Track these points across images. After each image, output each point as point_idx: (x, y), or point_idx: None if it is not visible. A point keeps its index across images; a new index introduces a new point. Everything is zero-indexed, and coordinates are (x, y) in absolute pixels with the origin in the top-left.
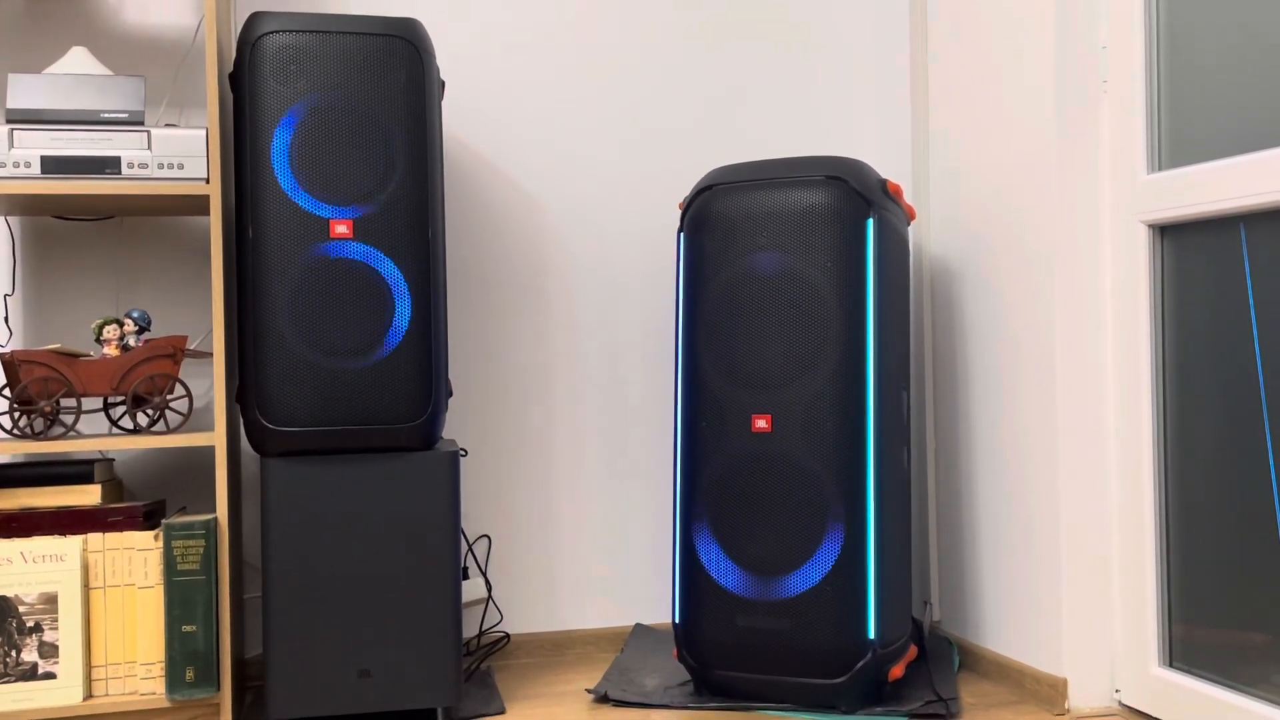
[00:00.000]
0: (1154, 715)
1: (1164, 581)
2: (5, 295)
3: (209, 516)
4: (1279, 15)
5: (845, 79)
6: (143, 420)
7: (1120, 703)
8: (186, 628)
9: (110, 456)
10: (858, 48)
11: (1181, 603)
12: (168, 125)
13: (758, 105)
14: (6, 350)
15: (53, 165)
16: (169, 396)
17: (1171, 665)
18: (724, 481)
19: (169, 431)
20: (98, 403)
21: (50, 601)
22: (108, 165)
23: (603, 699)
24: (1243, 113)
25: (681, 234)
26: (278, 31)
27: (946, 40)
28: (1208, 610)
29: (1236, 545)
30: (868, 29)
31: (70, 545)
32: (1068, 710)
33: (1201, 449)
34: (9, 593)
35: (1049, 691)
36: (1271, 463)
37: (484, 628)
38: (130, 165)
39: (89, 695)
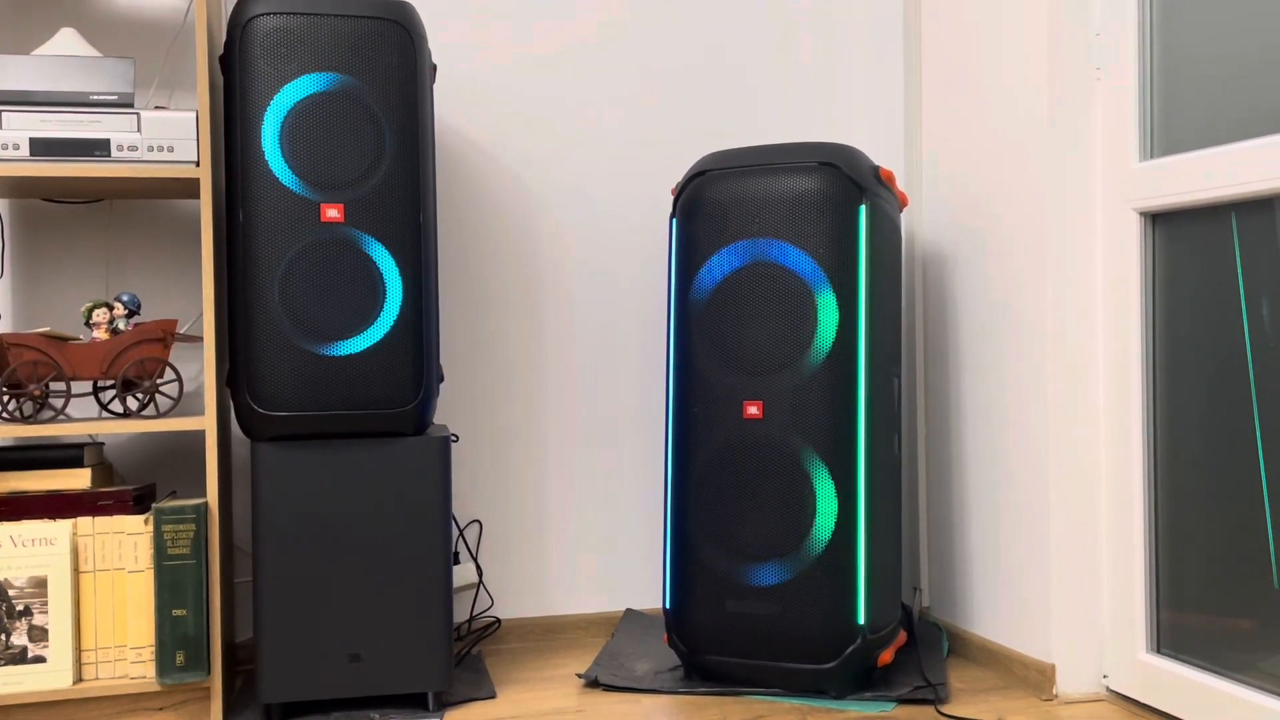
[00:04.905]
0: (1141, 701)
1: (1152, 568)
2: None
3: (199, 501)
4: (1272, 4)
5: (839, 65)
6: (133, 404)
7: (1108, 688)
8: (177, 612)
9: (100, 440)
10: (851, 34)
11: (1169, 589)
12: (157, 108)
13: (751, 91)
14: None
15: (41, 147)
16: (159, 380)
17: (1159, 651)
18: (715, 467)
19: (159, 416)
20: (87, 386)
21: (40, 585)
22: (97, 148)
23: (593, 684)
24: (1236, 101)
25: (674, 219)
26: (268, 14)
27: (940, 27)
28: (1195, 597)
29: (1224, 532)
30: (861, 15)
31: (60, 529)
32: (1056, 695)
33: (1190, 436)
34: None
35: (1037, 677)
36: (1260, 450)
37: (475, 612)
38: (120, 148)
39: (79, 679)
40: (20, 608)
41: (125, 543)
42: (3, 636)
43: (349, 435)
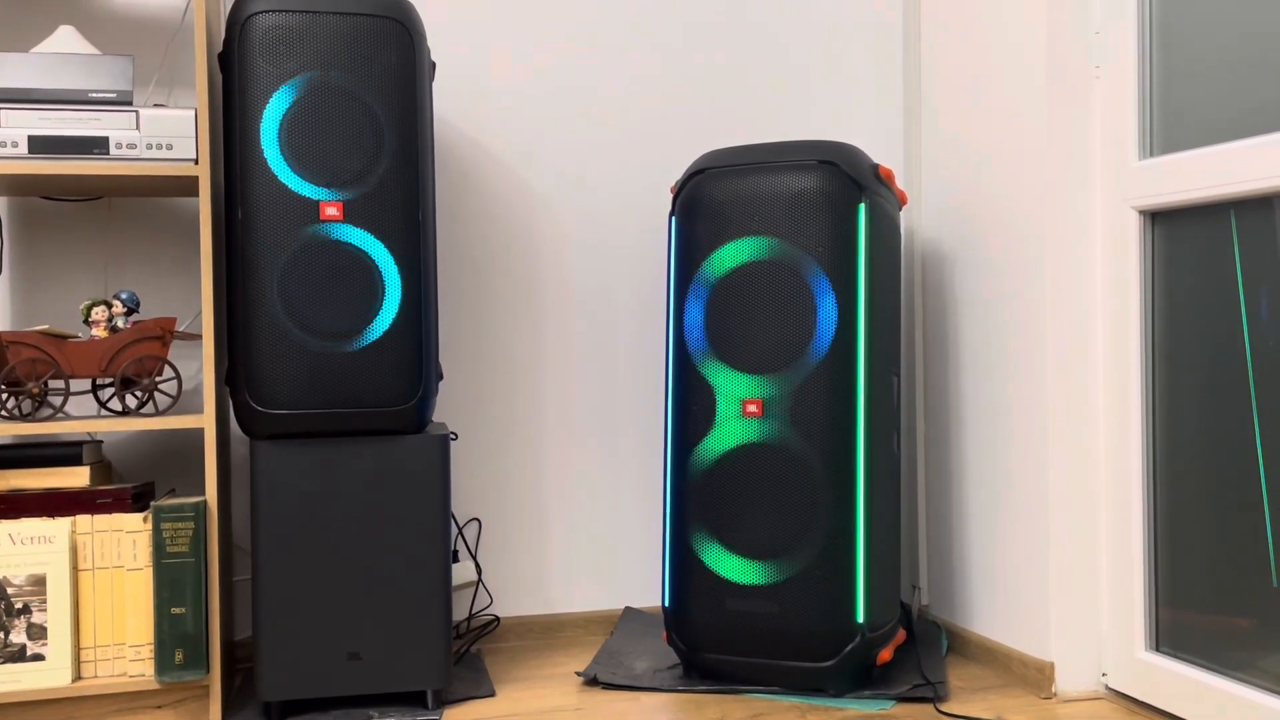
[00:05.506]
0: (1140, 699)
1: (1151, 566)
2: None
3: (198, 499)
4: (1272, 3)
5: (838, 63)
6: (131, 402)
7: (1107, 686)
8: (176, 610)
9: (99, 438)
10: (851, 32)
11: (1168, 587)
12: (156, 105)
13: (751, 89)
14: None
15: (40, 145)
16: (158, 378)
17: (1158, 649)
18: (714, 466)
19: (158, 413)
20: (86, 384)
21: (39, 583)
22: (96, 145)
23: (592, 682)
24: (1235, 99)
25: (673, 218)
26: (267, 11)
27: (939, 25)
28: (1194, 595)
29: (1223, 530)
30: (861, 15)
31: (59, 527)
32: (1055, 694)
33: (1189, 434)
34: None
35: (1036, 675)
36: (1259, 448)
37: (474, 611)
38: (118, 145)
39: (78, 677)
40: (19, 605)
41: (124, 541)
42: (1, 634)
43: (348, 433)
